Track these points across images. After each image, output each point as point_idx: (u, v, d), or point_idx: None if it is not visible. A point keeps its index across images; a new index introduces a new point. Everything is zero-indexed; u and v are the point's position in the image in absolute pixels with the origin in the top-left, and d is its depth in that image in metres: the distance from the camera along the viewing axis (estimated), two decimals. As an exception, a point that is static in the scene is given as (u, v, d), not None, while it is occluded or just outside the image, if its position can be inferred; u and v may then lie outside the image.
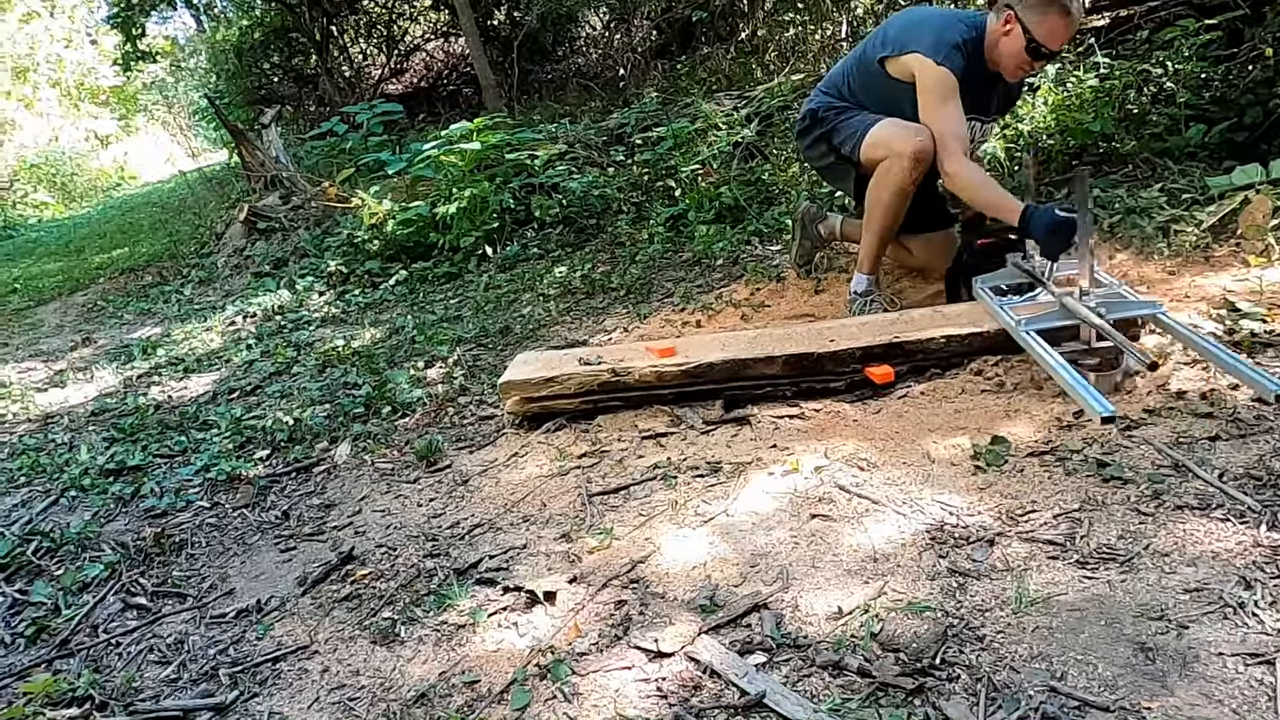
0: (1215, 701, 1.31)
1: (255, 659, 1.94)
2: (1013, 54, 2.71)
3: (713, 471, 2.30)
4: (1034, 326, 2.37)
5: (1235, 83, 3.50)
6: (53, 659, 2.09)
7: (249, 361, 4.38)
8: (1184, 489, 1.81)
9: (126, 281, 7.41)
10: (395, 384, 3.47)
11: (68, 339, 5.83)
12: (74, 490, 3.07)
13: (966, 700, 1.40)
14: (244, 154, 8.28)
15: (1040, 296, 2.57)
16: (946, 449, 2.16)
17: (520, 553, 2.13)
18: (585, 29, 10.60)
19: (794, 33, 6.86)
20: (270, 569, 2.36)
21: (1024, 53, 2.69)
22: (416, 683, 1.74)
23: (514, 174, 5.68)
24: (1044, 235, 2.49)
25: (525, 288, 4.59)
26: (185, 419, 3.64)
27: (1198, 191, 3.15)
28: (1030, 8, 2.62)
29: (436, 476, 2.69)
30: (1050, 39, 2.65)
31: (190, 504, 2.84)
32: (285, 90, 12.39)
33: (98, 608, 2.30)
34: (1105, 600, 1.55)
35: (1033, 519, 1.82)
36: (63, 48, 19.14)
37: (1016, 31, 2.67)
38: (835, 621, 1.64)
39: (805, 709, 1.44)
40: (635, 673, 1.62)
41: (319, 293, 5.52)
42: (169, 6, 12.59)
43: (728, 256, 4.15)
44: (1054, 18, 2.60)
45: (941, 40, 2.72)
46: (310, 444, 3.15)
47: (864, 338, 2.63)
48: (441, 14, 11.60)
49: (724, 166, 4.97)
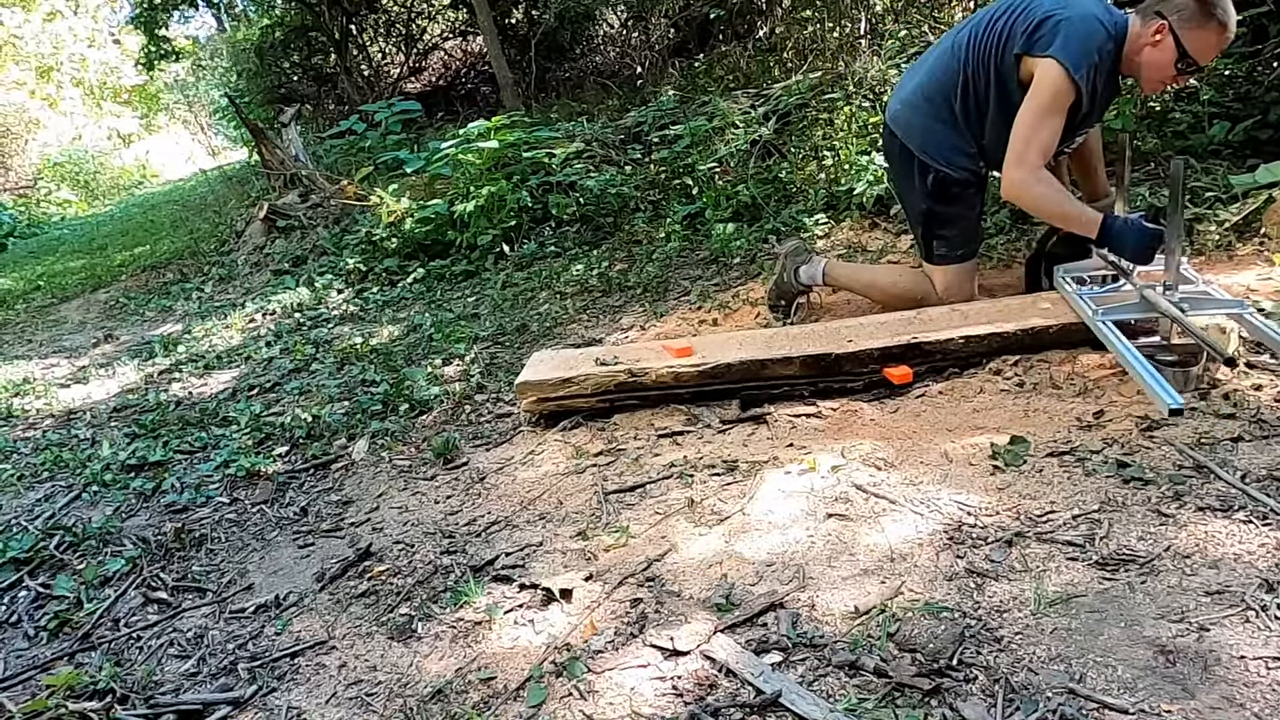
0: (1236, 705, 1.30)
1: (273, 654, 1.96)
2: (1159, 66, 2.46)
3: (729, 470, 2.29)
4: (1111, 317, 2.36)
5: (1260, 80, 3.46)
6: (74, 652, 2.11)
7: (268, 358, 4.42)
8: (1205, 490, 1.79)
9: (148, 279, 7.48)
10: (413, 381, 3.48)
11: (90, 335, 5.89)
12: (96, 485, 3.10)
13: (984, 701, 1.39)
14: (264, 152, 8.34)
15: (1122, 288, 2.54)
16: (964, 449, 2.15)
17: (536, 550, 2.14)
18: (603, 27, 10.60)
19: (812, 30, 6.83)
20: (289, 565, 2.38)
21: (1172, 66, 2.45)
22: (433, 679, 1.75)
23: (531, 172, 5.69)
24: (1130, 253, 2.46)
25: (542, 286, 4.60)
26: (205, 415, 3.68)
27: (1221, 190, 3.12)
28: (1187, 20, 2.37)
29: (453, 474, 2.71)
30: (1203, 54, 2.41)
31: (210, 500, 2.87)
32: (305, 89, 12.46)
33: (119, 602, 2.32)
34: (1125, 602, 1.54)
35: (1051, 519, 1.80)
36: (86, 47, 19.33)
37: (1168, 44, 2.42)
38: (852, 621, 1.64)
39: (821, 709, 1.43)
40: (651, 671, 1.62)
41: (337, 290, 5.55)
42: (191, 6, 12.68)
43: (745, 255, 4.14)
44: (1212, 32, 2.37)
45: (1086, 50, 2.44)
46: (329, 441, 3.17)
47: (882, 337, 2.62)
48: (460, 13, 11.64)
49: (741, 165, 4.96)
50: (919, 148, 2.82)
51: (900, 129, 2.87)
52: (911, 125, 2.84)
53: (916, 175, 2.85)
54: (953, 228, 2.82)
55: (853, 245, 3.82)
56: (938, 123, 2.77)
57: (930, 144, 2.79)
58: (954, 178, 2.78)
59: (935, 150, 2.79)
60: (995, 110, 2.66)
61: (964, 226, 2.84)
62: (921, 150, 2.81)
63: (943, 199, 2.81)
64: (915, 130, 2.83)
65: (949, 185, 2.78)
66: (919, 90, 2.82)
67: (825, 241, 3.97)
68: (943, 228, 2.84)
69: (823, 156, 4.66)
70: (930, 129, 2.79)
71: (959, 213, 2.81)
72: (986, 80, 2.64)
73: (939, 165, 2.78)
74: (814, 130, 5.02)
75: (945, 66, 2.75)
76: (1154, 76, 2.51)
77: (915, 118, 2.83)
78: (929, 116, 2.79)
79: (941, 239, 2.85)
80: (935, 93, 2.77)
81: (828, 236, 4.02)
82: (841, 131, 4.77)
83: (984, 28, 2.66)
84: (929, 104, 2.78)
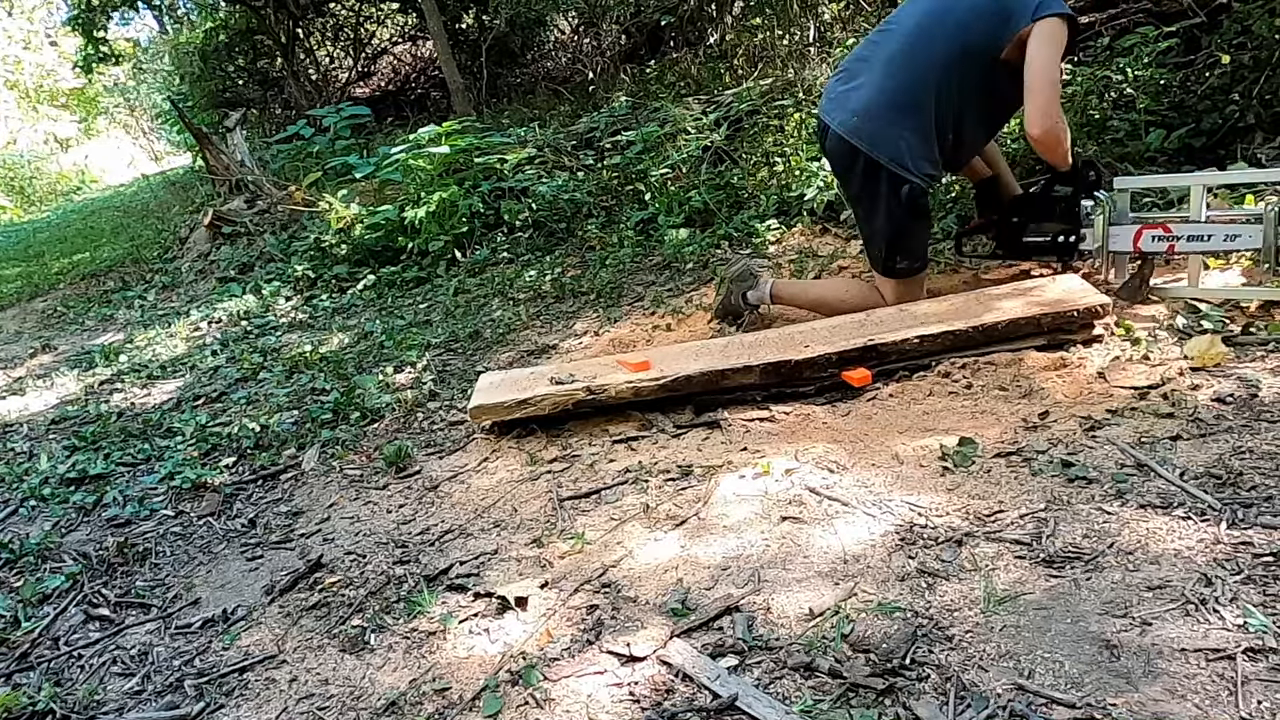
0: (1178, 697, 1.33)
1: (221, 669, 1.91)
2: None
3: (684, 475, 2.30)
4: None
5: (1193, 89, 3.57)
6: (12, 672, 2.05)
7: (214, 368, 4.32)
8: (1147, 488, 1.84)
9: (88, 287, 7.29)
10: (364, 389, 3.44)
11: (27, 345, 5.72)
12: (34, 500, 3.01)
13: (936, 700, 1.41)
14: (208, 157, 8.17)
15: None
16: (915, 450, 2.18)
17: (491, 558, 2.12)
18: (554, 33, 10.59)
19: (762, 38, 6.89)
20: (237, 578, 2.33)
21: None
22: (387, 691, 1.73)
23: (483, 178, 5.66)
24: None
25: (495, 292, 4.57)
26: (149, 426, 3.59)
27: (1157, 195, 3.21)
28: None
29: (406, 482, 2.67)
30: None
31: (154, 513, 2.80)
32: (250, 93, 12.24)
33: (59, 619, 2.25)
34: (1071, 598, 1.57)
35: (1000, 519, 1.84)
36: (21, 49, 18.80)
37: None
38: (806, 623, 1.65)
39: (777, 711, 1.44)
40: (607, 677, 1.62)
41: (286, 298, 5.46)
42: (131, 8, 12.37)
43: (698, 260, 4.16)
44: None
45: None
46: (278, 451, 3.11)
47: (838, 341, 2.64)
48: (409, 17, 11.54)
49: (693, 171, 4.98)
50: (891, 159, 2.70)
51: (864, 141, 2.73)
52: (878, 136, 2.71)
53: (886, 190, 2.74)
54: (916, 241, 2.82)
55: (804, 250, 3.86)
56: (908, 131, 2.69)
57: (903, 154, 2.69)
58: (922, 188, 2.73)
59: (910, 161, 2.69)
60: (979, 103, 2.69)
61: (924, 238, 2.86)
62: (894, 162, 2.70)
63: (913, 212, 2.74)
64: (885, 141, 2.71)
65: (919, 196, 2.72)
66: (884, 100, 2.71)
67: (777, 247, 4.00)
68: (909, 241, 2.81)
69: (774, 162, 4.70)
70: (902, 138, 2.69)
71: (924, 225, 2.83)
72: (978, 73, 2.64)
73: (912, 176, 2.70)
74: (765, 136, 5.06)
75: (909, 73, 2.69)
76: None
77: (884, 128, 2.71)
78: (899, 126, 2.69)
79: (905, 252, 2.83)
80: (902, 101, 2.69)
81: (779, 242, 4.05)
82: (792, 138, 4.81)
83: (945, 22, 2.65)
84: (899, 113, 2.69)
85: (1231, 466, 1.83)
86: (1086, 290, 2.56)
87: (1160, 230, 2.63)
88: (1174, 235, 2.61)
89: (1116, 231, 2.72)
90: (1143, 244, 2.67)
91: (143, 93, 20.21)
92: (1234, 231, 2.51)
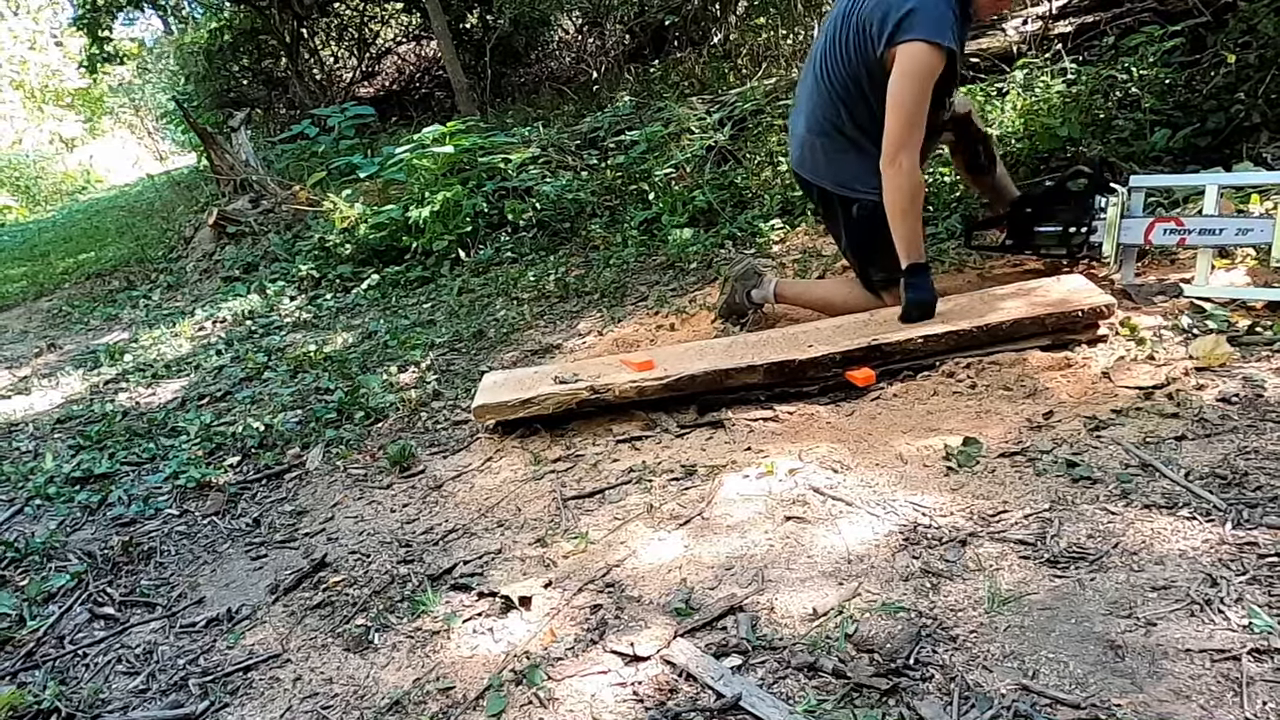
0: (1183, 698, 1.33)
1: (226, 668, 1.92)
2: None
3: (687, 475, 2.30)
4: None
5: (1198, 88, 3.56)
6: (17, 671, 2.05)
7: (219, 367, 4.33)
8: (1151, 488, 1.83)
9: (92, 286, 7.31)
10: (368, 389, 3.44)
11: (32, 345, 5.73)
12: (39, 499, 3.02)
13: (940, 700, 1.41)
14: (213, 157, 8.18)
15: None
16: (919, 450, 2.17)
17: (495, 558, 2.12)
18: (558, 33, 10.59)
19: (765, 37, 6.89)
20: (241, 577, 2.33)
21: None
22: (390, 690, 1.73)
23: (487, 177, 5.66)
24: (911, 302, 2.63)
25: (499, 291, 4.57)
26: (154, 425, 3.59)
27: (1162, 195, 3.20)
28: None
29: (410, 482, 2.68)
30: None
31: (159, 512, 2.80)
32: (255, 93, 12.26)
33: (64, 618, 2.26)
34: (1075, 599, 1.57)
35: (1004, 519, 1.84)
36: (27, 49, 18.85)
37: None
38: (810, 623, 1.65)
39: (781, 711, 1.44)
40: (611, 677, 1.62)
41: (290, 297, 5.47)
42: (135, 9, 12.42)
43: (701, 260, 4.16)
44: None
45: (942, 16, 2.44)
46: (282, 450, 3.11)
47: (842, 341, 2.64)
48: (413, 17, 11.56)
49: (697, 170, 4.98)
50: (834, 184, 2.82)
51: (808, 173, 2.89)
52: (818, 165, 2.85)
53: (840, 213, 2.85)
54: (882, 254, 2.77)
55: (808, 250, 3.86)
56: (839, 153, 2.78)
57: (844, 176, 2.79)
58: (872, 203, 2.72)
59: (851, 180, 2.78)
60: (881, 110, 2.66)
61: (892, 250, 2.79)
62: (837, 185, 2.81)
63: (871, 226, 2.74)
64: (823, 168, 2.83)
65: (875, 210, 2.70)
66: (809, 131, 2.83)
67: (780, 247, 4.00)
68: (875, 255, 2.82)
69: (777, 162, 4.70)
70: (835, 161, 2.80)
71: (887, 237, 2.73)
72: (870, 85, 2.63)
73: (860, 193, 2.77)
74: (769, 136, 5.06)
75: (821, 99, 2.76)
76: (989, 7, 2.66)
77: (819, 156, 2.83)
78: (831, 151, 2.80)
79: (876, 266, 2.85)
80: (825, 127, 2.78)
81: (783, 242, 4.05)
82: (796, 137, 4.80)
83: (835, 44, 2.68)
84: (826, 139, 2.79)
85: (1237, 467, 1.83)
86: (1091, 290, 2.56)
87: (1172, 224, 2.63)
88: (1186, 229, 2.61)
89: (1129, 224, 2.73)
90: (1154, 237, 2.68)
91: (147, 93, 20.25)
92: (1246, 226, 2.51)
